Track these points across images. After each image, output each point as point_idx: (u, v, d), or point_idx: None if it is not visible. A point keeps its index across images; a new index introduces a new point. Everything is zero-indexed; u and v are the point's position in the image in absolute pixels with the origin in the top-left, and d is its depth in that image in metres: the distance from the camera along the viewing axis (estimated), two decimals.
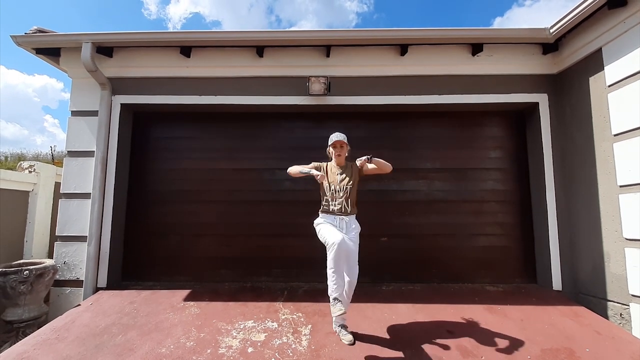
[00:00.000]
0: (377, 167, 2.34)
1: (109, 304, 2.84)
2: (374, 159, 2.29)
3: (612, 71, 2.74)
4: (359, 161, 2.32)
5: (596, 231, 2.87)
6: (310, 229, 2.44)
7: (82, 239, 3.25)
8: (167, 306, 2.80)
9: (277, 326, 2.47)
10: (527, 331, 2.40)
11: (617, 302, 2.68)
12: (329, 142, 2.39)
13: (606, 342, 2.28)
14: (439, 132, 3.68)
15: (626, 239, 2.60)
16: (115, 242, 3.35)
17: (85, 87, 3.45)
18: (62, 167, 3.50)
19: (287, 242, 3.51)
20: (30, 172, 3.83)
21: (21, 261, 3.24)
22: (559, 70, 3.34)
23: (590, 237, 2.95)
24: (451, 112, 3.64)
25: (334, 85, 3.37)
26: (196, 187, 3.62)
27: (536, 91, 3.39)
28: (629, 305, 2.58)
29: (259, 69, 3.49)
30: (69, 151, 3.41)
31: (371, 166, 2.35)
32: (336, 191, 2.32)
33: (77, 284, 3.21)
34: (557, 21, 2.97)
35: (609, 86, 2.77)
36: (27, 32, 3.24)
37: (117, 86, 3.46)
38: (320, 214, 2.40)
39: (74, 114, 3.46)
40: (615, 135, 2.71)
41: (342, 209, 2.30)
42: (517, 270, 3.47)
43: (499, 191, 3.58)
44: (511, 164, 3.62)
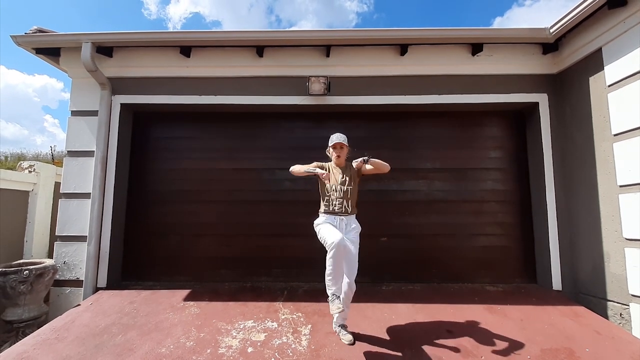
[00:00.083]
0: (374, 167, 2.33)
1: (108, 304, 2.84)
2: (371, 159, 2.28)
3: (612, 71, 2.74)
4: (355, 163, 2.31)
5: (596, 231, 2.87)
6: (310, 229, 2.44)
7: (82, 238, 3.25)
8: (167, 306, 2.80)
9: (277, 326, 2.47)
10: (527, 331, 2.40)
11: (617, 302, 2.68)
12: (330, 143, 2.39)
13: (606, 342, 2.28)
14: (438, 132, 3.68)
15: (626, 239, 2.60)
16: (115, 242, 3.35)
17: (85, 87, 3.45)
18: (62, 167, 3.50)
19: (287, 242, 3.51)
20: (30, 172, 3.83)
21: (21, 261, 3.24)
22: (559, 70, 3.34)
23: (590, 237, 2.95)
24: (451, 112, 3.64)
25: (333, 85, 3.37)
26: (196, 187, 3.62)
27: (536, 91, 3.39)
28: (628, 305, 2.58)
29: (259, 68, 3.49)
30: (69, 151, 3.41)
31: (369, 167, 2.34)
32: (336, 191, 2.32)
33: (77, 283, 3.22)
34: (557, 21, 2.97)
35: (609, 86, 2.77)
36: (27, 32, 3.24)
37: (117, 86, 3.47)
38: (320, 214, 2.40)
39: (74, 113, 3.47)
40: (615, 135, 2.71)
41: (343, 210, 2.30)
42: (517, 270, 3.48)
43: (498, 191, 3.58)
44: (511, 164, 3.62)
